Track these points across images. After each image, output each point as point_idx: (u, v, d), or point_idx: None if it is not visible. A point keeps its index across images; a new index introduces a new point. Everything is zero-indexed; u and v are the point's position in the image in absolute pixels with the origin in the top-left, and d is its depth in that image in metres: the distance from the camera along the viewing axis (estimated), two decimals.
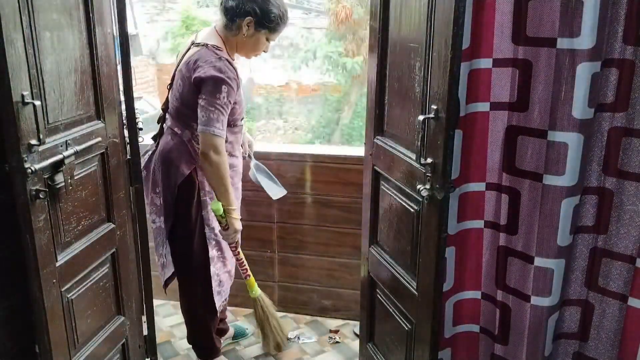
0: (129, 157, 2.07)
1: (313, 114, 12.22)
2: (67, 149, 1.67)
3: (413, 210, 1.75)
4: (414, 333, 1.82)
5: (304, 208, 2.77)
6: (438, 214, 1.59)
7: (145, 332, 2.29)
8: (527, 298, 1.83)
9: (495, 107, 1.76)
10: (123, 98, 2.01)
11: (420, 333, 1.77)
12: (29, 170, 1.50)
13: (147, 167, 2.25)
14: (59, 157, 1.63)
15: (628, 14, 1.56)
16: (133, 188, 2.11)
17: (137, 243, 2.18)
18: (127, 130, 2.05)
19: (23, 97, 1.47)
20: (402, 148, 1.81)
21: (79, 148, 1.72)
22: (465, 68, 1.68)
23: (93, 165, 1.86)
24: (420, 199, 1.67)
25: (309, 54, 11.20)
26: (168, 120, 2.21)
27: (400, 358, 1.94)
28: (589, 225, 1.79)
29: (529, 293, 1.82)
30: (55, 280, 1.68)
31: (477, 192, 1.86)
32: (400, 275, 1.88)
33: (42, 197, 1.55)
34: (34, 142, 1.52)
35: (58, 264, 1.69)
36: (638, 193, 1.68)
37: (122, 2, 1.91)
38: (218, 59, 2.03)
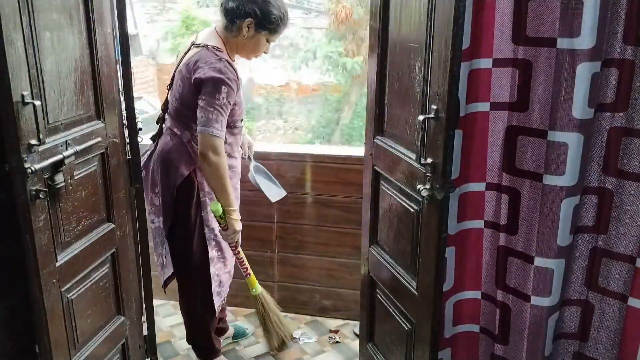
0: (129, 157, 2.07)
1: (313, 114, 12.22)
2: (67, 149, 1.67)
3: (413, 210, 1.75)
4: (414, 333, 1.82)
5: (304, 208, 2.77)
6: (438, 214, 1.59)
7: (145, 332, 2.29)
8: (527, 298, 1.83)
9: (495, 107, 1.76)
10: (123, 98, 2.01)
11: (420, 333, 1.77)
12: (29, 170, 1.50)
13: (146, 166, 2.24)
14: (59, 157, 1.63)
15: (628, 14, 1.56)
16: (133, 188, 2.11)
17: (137, 243, 2.18)
18: (127, 130, 2.05)
19: (23, 97, 1.47)
20: (402, 148, 1.81)
21: (79, 148, 1.72)
22: (465, 68, 1.68)
23: (93, 165, 1.85)
24: (420, 199, 1.67)
25: (309, 54, 11.20)
26: (167, 121, 2.21)
27: (400, 358, 1.94)
28: (589, 225, 1.79)
29: (529, 293, 1.82)
30: (55, 280, 1.68)
31: (477, 192, 1.86)
32: (400, 275, 1.88)
33: (42, 197, 1.55)
34: (34, 142, 1.52)
35: (58, 264, 1.69)
36: (638, 193, 1.68)
37: (122, 2, 1.91)
38: (218, 60, 2.03)
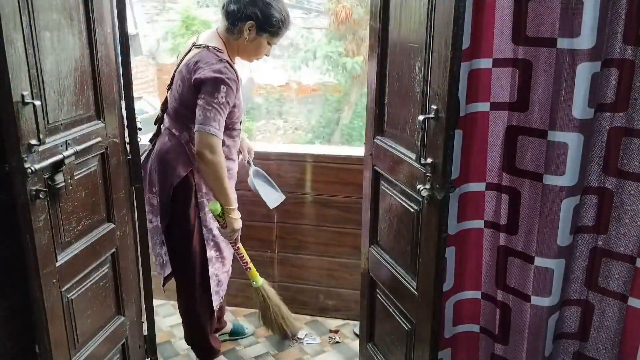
0: (129, 157, 2.07)
1: (313, 114, 12.22)
2: (67, 149, 1.68)
3: (413, 210, 1.75)
4: (414, 333, 1.82)
5: (304, 208, 2.77)
6: (438, 214, 1.59)
7: (145, 332, 2.29)
8: (527, 298, 1.83)
9: (495, 107, 1.76)
10: (123, 98, 2.01)
11: (420, 333, 1.77)
12: (29, 170, 1.50)
13: (144, 166, 2.24)
14: (59, 157, 1.63)
15: (628, 14, 1.56)
16: (133, 188, 2.11)
17: (137, 243, 2.18)
18: (127, 130, 2.05)
19: (23, 97, 1.47)
20: (402, 148, 1.81)
21: (79, 148, 1.72)
22: (465, 68, 1.68)
23: (93, 165, 1.86)
24: (420, 199, 1.67)
25: (309, 54, 11.20)
26: (166, 121, 2.20)
27: (400, 358, 1.94)
28: (589, 225, 1.79)
29: (529, 293, 1.82)
30: (55, 280, 1.68)
31: (477, 192, 1.86)
32: (400, 275, 1.88)
33: (42, 197, 1.55)
34: (34, 142, 1.52)
35: (58, 264, 1.69)
36: (638, 193, 1.68)
37: (122, 2, 1.91)
38: (218, 61, 2.02)
